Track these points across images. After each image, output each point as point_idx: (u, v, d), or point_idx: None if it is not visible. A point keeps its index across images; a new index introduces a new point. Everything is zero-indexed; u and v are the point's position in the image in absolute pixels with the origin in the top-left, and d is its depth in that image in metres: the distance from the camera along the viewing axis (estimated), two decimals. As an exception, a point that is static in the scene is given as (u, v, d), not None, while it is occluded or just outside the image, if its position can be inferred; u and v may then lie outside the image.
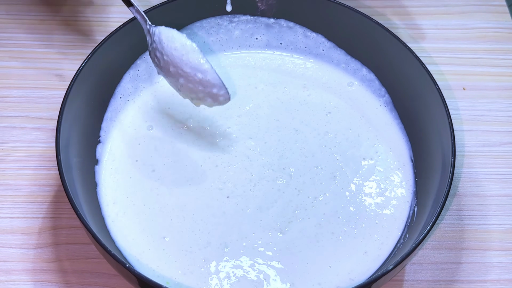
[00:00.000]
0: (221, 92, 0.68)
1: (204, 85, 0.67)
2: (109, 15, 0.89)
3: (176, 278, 0.66)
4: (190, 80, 0.67)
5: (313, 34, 0.79)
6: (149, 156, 0.73)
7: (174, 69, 0.68)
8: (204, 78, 0.67)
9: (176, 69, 0.67)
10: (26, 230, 0.73)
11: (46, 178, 0.76)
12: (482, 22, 0.90)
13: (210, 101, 0.69)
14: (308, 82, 0.79)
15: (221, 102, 0.69)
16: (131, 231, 0.69)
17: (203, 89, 0.68)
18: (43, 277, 0.70)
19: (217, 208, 0.70)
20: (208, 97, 0.68)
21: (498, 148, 0.79)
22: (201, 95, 0.68)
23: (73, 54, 0.85)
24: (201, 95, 0.68)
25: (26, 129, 0.79)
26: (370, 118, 0.76)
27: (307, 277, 0.66)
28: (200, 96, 0.69)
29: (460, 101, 0.83)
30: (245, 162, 0.73)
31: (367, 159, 0.74)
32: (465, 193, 0.76)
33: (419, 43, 0.87)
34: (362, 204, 0.71)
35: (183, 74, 0.67)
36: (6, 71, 0.84)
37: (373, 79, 0.78)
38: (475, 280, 0.71)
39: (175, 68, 0.67)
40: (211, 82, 0.67)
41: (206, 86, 0.67)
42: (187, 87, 0.68)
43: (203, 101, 0.69)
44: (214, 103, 0.69)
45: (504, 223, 0.74)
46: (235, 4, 0.78)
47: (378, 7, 0.90)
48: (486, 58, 0.87)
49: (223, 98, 0.68)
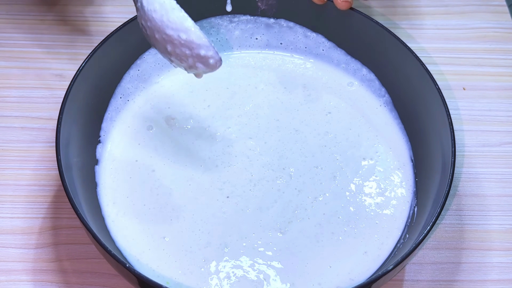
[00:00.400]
0: (209, 53, 0.63)
1: (190, 48, 0.63)
2: (109, 15, 0.89)
3: (176, 278, 0.66)
4: (176, 44, 0.63)
5: (313, 34, 0.79)
6: (149, 156, 0.73)
7: (159, 35, 0.63)
8: (188, 38, 0.62)
9: (160, 34, 0.63)
10: (26, 230, 0.73)
11: (46, 178, 0.76)
12: (482, 22, 0.90)
13: (201, 67, 0.64)
14: (308, 82, 0.79)
15: (212, 66, 0.64)
16: (131, 231, 0.69)
17: (190, 52, 0.63)
18: (43, 277, 0.70)
19: (217, 208, 0.70)
20: (198, 62, 0.64)
21: (498, 148, 0.79)
22: (191, 62, 0.64)
23: (73, 54, 0.85)
24: (191, 62, 0.64)
25: (26, 129, 0.79)
26: (370, 118, 0.76)
27: (307, 277, 0.66)
28: (191, 63, 0.64)
29: (460, 101, 0.83)
30: (245, 162, 0.73)
31: (367, 159, 0.74)
32: (465, 193, 0.76)
33: (419, 43, 0.87)
34: (362, 204, 0.71)
35: (168, 38, 0.63)
36: (6, 71, 0.84)
37: (373, 79, 0.78)
38: (475, 280, 0.71)
39: (159, 33, 0.63)
40: (196, 43, 0.62)
41: (192, 48, 0.63)
42: (175, 54, 0.64)
43: (195, 68, 0.65)
44: (207, 69, 0.65)
45: (504, 223, 0.74)
46: (235, 4, 0.78)
47: (378, 7, 0.90)
48: (486, 58, 0.87)
49: (213, 60, 0.64)
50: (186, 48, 0.63)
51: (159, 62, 0.78)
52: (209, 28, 0.79)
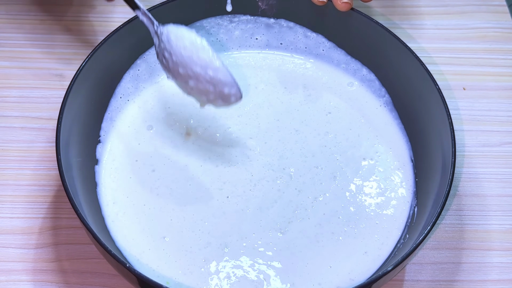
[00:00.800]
0: (232, 90, 0.64)
1: (215, 84, 0.64)
2: (109, 15, 0.89)
3: (176, 278, 0.66)
4: (200, 80, 0.64)
5: (313, 34, 0.79)
6: (149, 156, 0.73)
7: (183, 70, 0.65)
8: (215, 77, 0.64)
9: (186, 70, 0.64)
10: (26, 230, 0.73)
11: (46, 178, 0.76)
12: (482, 22, 0.90)
13: (220, 102, 0.66)
14: (308, 82, 0.79)
15: (232, 102, 0.66)
16: (131, 231, 0.69)
17: (213, 89, 0.65)
18: (43, 277, 0.70)
19: (217, 208, 0.70)
20: (219, 98, 0.65)
21: (498, 148, 0.79)
22: (211, 97, 0.65)
23: (73, 54, 0.85)
24: (211, 97, 0.65)
25: (26, 129, 0.79)
26: (370, 118, 0.76)
27: (307, 277, 0.66)
28: (211, 98, 0.66)
29: (460, 101, 0.83)
30: (245, 162, 0.73)
31: (367, 159, 0.74)
32: (465, 193, 0.76)
33: (419, 43, 0.87)
34: (362, 204, 0.71)
35: (193, 75, 0.64)
36: (6, 71, 0.84)
37: (373, 79, 0.78)
38: (475, 280, 0.71)
39: (184, 69, 0.64)
40: (222, 81, 0.64)
41: (217, 85, 0.64)
42: (197, 89, 0.65)
43: (214, 103, 0.66)
44: (225, 104, 0.66)
45: (504, 223, 0.74)
46: (235, 4, 0.78)
47: (378, 7, 0.90)
48: (486, 58, 0.87)
49: (234, 98, 0.65)
50: (210, 85, 0.64)
51: (159, 62, 0.78)
52: (209, 28, 0.79)
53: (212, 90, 0.65)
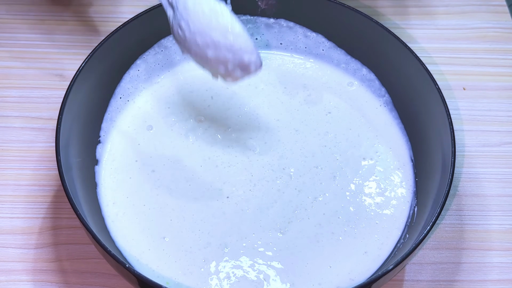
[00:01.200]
0: (252, 57, 0.62)
1: (234, 52, 0.61)
2: (109, 15, 0.89)
3: (176, 278, 0.66)
4: (219, 48, 0.61)
5: (313, 34, 0.79)
6: (149, 156, 0.73)
7: (201, 39, 0.61)
8: (236, 43, 0.61)
9: (204, 38, 0.61)
10: (26, 230, 0.73)
11: (46, 178, 0.76)
12: (482, 22, 0.90)
13: (239, 73, 0.63)
14: (308, 82, 0.79)
15: (251, 71, 0.63)
16: (131, 231, 0.69)
17: (232, 58, 0.62)
18: (43, 277, 0.70)
19: (217, 208, 0.70)
20: (237, 68, 0.62)
21: (498, 148, 0.79)
22: (230, 67, 0.62)
23: (73, 54, 0.85)
24: (230, 67, 0.62)
25: (26, 129, 0.79)
26: (370, 118, 0.76)
27: (307, 277, 0.66)
28: (230, 67, 0.62)
29: (460, 101, 0.83)
30: (245, 162, 0.73)
31: (367, 159, 0.74)
32: (465, 193, 0.76)
33: (419, 43, 0.87)
34: (362, 204, 0.71)
35: (211, 43, 0.61)
36: (6, 71, 0.84)
37: (373, 79, 0.78)
38: (475, 280, 0.71)
39: (202, 37, 0.61)
40: (243, 48, 0.61)
41: (237, 52, 0.61)
42: (216, 59, 0.62)
43: (232, 74, 0.63)
44: (243, 75, 0.63)
45: (504, 223, 0.74)
46: (235, 4, 0.78)
47: (378, 7, 0.90)
48: (486, 58, 0.87)
49: (254, 66, 0.62)
50: (229, 53, 0.62)
51: (159, 62, 0.78)
52: (209, 28, 0.79)
53: (231, 59, 0.62)
